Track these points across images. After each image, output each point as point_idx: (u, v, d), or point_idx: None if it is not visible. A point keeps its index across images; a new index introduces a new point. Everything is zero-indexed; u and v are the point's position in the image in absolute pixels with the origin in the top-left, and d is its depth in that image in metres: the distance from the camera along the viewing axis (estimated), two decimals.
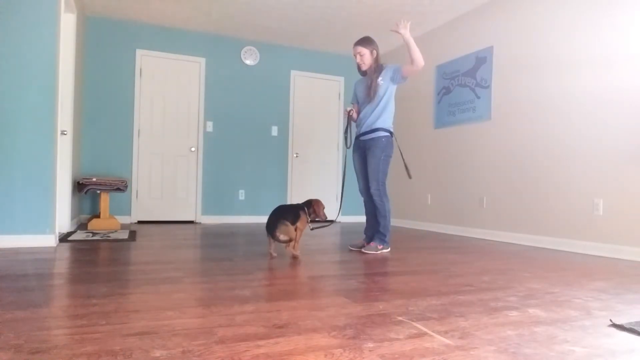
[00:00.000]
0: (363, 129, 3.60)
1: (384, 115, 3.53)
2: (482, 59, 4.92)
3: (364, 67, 3.56)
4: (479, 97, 4.96)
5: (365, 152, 3.59)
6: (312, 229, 3.36)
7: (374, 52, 3.53)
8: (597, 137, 3.75)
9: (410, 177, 3.70)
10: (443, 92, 5.51)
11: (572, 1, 4.00)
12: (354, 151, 3.73)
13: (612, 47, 3.66)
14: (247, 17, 5.51)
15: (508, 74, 4.61)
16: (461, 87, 5.21)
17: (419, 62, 3.33)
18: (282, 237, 3.07)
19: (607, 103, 3.69)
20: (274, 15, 5.42)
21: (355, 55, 3.57)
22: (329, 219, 3.40)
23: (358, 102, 3.69)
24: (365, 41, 3.55)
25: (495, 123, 4.75)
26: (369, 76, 3.55)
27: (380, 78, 3.50)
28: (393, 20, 5.42)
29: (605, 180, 3.68)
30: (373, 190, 3.51)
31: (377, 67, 3.54)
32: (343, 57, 6.91)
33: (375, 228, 3.60)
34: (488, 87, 4.83)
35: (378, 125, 3.52)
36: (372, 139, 3.53)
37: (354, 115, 3.67)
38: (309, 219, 3.24)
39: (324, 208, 3.30)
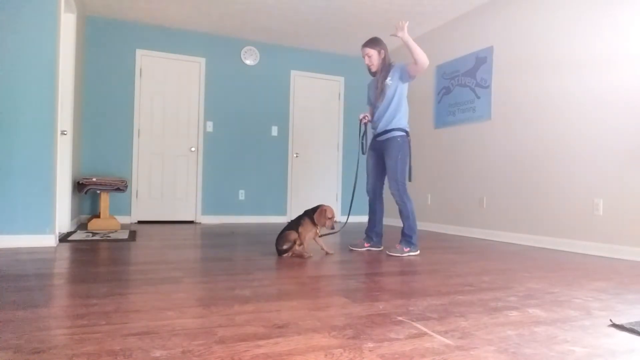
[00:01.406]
0: (378, 130, 3.56)
1: (398, 115, 3.48)
2: (482, 59, 4.92)
3: (373, 68, 3.54)
4: (479, 97, 4.96)
5: (382, 152, 3.55)
6: (320, 236, 3.33)
7: (382, 52, 3.51)
8: (597, 137, 3.75)
9: (410, 179, 3.67)
10: (443, 92, 5.51)
11: (572, 1, 4.00)
12: (369, 149, 3.68)
13: (613, 47, 3.66)
14: (247, 17, 5.51)
15: (508, 74, 4.62)
16: (461, 87, 5.22)
17: (422, 62, 3.28)
18: (285, 246, 3.16)
19: (607, 103, 3.69)
20: (274, 15, 5.42)
21: (363, 57, 3.55)
22: (335, 228, 3.33)
23: (371, 104, 3.67)
24: (373, 42, 3.52)
25: (495, 123, 4.75)
26: (378, 77, 3.53)
27: (388, 78, 3.47)
28: (393, 20, 5.42)
29: (605, 180, 3.68)
30: (393, 190, 3.45)
31: (385, 67, 3.51)
32: (343, 57, 6.91)
33: (372, 229, 3.56)
34: (488, 87, 4.83)
35: (393, 125, 3.47)
36: (388, 139, 3.49)
37: (365, 120, 3.64)
38: (318, 225, 3.20)
39: (329, 218, 3.16)
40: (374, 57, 3.50)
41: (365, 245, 3.63)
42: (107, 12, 5.46)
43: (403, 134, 3.48)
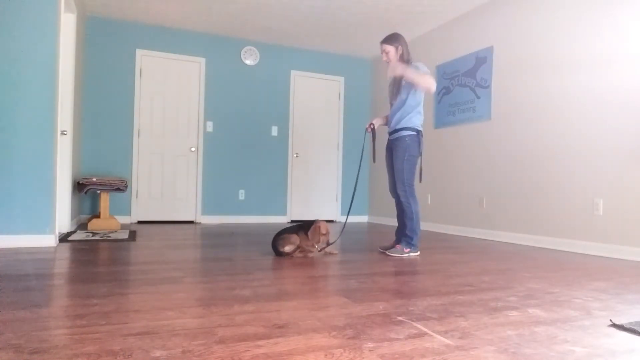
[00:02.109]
0: (390, 129, 3.53)
1: (409, 115, 3.42)
2: (482, 59, 4.92)
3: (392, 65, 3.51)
4: (479, 97, 4.96)
5: (392, 152, 3.52)
6: (319, 250, 3.30)
7: (399, 48, 3.42)
8: (597, 137, 3.75)
9: (420, 181, 3.59)
10: (443, 92, 5.51)
11: (572, 1, 4.00)
12: (386, 149, 3.64)
13: (612, 47, 3.66)
14: (247, 17, 5.51)
15: (508, 74, 4.62)
16: (461, 87, 5.22)
17: (428, 88, 3.28)
18: (287, 248, 3.15)
19: (607, 103, 3.69)
20: (274, 15, 5.42)
21: (381, 54, 3.50)
22: (330, 242, 3.34)
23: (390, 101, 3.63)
24: (390, 38, 3.46)
25: (495, 123, 4.75)
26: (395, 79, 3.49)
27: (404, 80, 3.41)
28: (393, 20, 5.43)
29: (605, 180, 3.68)
30: (399, 191, 3.42)
31: (404, 64, 3.43)
32: (343, 57, 6.91)
33: (402, 230, 3.50)
34: (488, 87, 4.83)
35: (403, 124, 3.42)
36: (397, 138, 3.45)
37: (369, 130, 3.62)
38: (312, 240, 3.21)
39: (324, 234, 3.17)
40: (391, 53, 3.44)
41: (397, 246, 3.50)
42: (107, 12, 5.46)
43: (412, 133, 3.41)
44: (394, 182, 3.52)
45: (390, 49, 3.44)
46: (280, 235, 3.21)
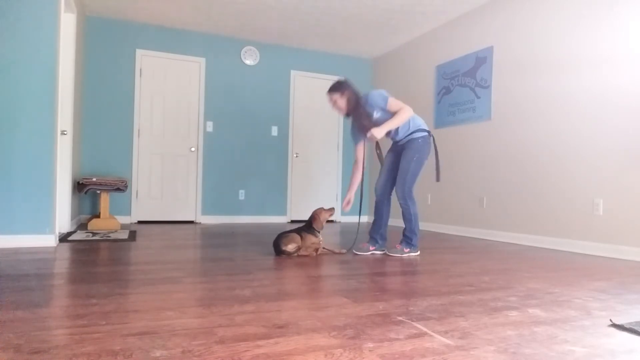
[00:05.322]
0: (398, 138, 3.44)
1: (413, 121, 3.37)
2: (482, 59, 4.92)
3: (343, 113, 3.41)
4: (479, 97, 4.96)
5: (401, 153, 3.44)
6: (322, 251, 3.33)
7: (344, 93, 3.31)
8: (597, 137, 3.75)
9: (438, 179, 3.51)
10: (443, 92, 5.51)
11: (572, 1, 4.00)
12: (389, 151, 3.59)
13: (612, 47, 3.66)
14: (247, 17, 5.51)
15: (508, 74, 4.62)
16: (461, 87, 5.21)
17: (407, 120, 3.30)
18: (290, 247, 3.16)
19: (607, 103, 3.69)
20: (274, 15, 5.42)
21: (330, 105, 3.41)
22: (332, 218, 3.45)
23: (360, 140, 3.51)
24: (334, 88, 3.34)
25: (495, 123, 4.75)
26: (357, 118, 3.36)
27: (375, 112, 3.29)
28: (393, 20, 5.43)
29: (605, 180, 3.68)
30: (398, 191, 3.39)
31: (359, 105, 3.32)
32: (343, 57, 6.91)
33: (376, 231, 3.52)
34: (488, 87, 4.83)
35: (413, 128, 3.37)
36: (409, 140, 3.39)
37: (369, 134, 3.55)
38: (317, 235, 3.27)
39: (327, 215, 3.34)
40: (337, 102, 3.35)
41: (371, 248, 3.49)
42: (107, 12, 5.46)
43: (424, 134, 3.37)
44: (385, 183, 3.51)
45: (336, 96, 3.33)
46: (283, 234, 3.23)
